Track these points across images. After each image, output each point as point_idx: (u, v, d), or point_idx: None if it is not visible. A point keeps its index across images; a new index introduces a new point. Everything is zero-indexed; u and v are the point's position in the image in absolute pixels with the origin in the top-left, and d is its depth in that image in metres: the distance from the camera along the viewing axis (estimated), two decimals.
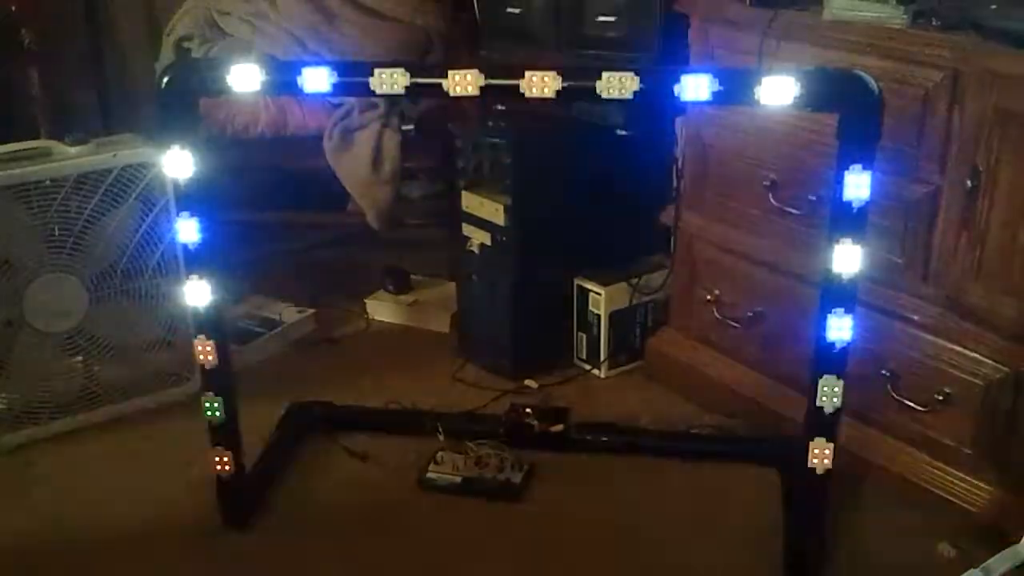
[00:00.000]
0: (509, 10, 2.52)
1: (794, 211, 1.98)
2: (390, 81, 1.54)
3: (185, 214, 1.67)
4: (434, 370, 2.45)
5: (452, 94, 1.53)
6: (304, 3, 2.78)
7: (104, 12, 3.14)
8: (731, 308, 2.19)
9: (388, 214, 2.76)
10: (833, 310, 1.55)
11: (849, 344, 1.57)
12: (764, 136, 2.00)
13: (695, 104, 2.10)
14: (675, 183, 2.28)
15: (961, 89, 1.70)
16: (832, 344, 1.57)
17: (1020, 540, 1.55)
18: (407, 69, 1.54)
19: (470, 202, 2.38)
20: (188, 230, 1.68)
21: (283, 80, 1.61)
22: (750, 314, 2.15)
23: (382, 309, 2.76)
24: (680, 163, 2.25)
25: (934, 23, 1.75)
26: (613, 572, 1.79)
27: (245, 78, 1.57)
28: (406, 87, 1.54)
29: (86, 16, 3.12)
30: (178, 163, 1.64)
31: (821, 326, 1.56)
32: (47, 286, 2.10)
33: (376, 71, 1.54)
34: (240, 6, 2.83)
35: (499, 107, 2.35)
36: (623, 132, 2.34)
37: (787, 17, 1.91)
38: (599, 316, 2.40)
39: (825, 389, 1.59)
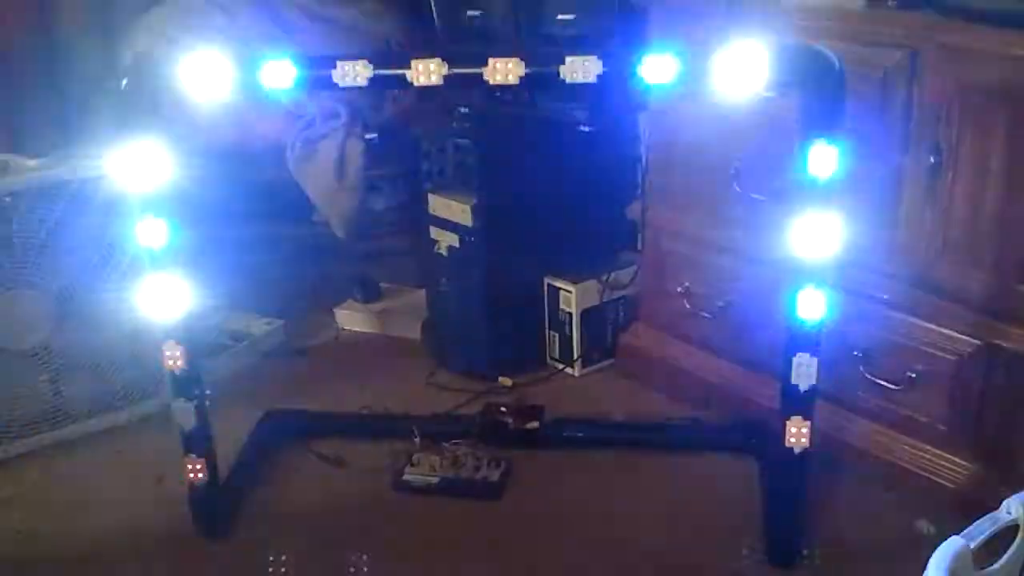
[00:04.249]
0: (468, 13, 2.52)
1: (760, 198, 1.99)
2: (353, 73, 1.53)
3: (148, 216, 1.65)
4: (407, 376, 2.43)
5: (416, 84, 1.53)
6: (262, 16, 2.77)
7: (59, 22, 3.10)
8: (701, 299, 2.20)
9: (353, 222, 2.74)
10: (804, 286, 1.55)
11: (822, 320, 1.57)
12: (725, 125, 1.99)
13: (657, 99, 2.13)
14: (640, 178, 2.29)
15: (920, 66, 1.71)
16: (804, 321, 1.57)
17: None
18: (370, 61, 1.54)
19: (437, 204, 2.37)
20: (151, 233, 1.66)
21: (245, 77, 1.59)
22: (720, 304, 2.15)
23: (352, 318, 2.74)
24: (645, 158, 2.25)
25: (890, 3, 1.77)
26: (593, 566, 1.78)
27: (206, 79, 1.56)
28: (369, 79, 1.53)
29: (40, 27, 3.08)
30: (139, 172, 1.61)
31: (792, 304, 1.57)
32: (10, 302, 2.07)
33: (339, 63, 1.53)
34: (198, 21, 2.81)
35: (462, 108, 2.35)
36: (586, 128, 2.34)
37: (745, 3, 1.92)
38: (571, 314, 2.39)
39: (800, 367, 1.59)
